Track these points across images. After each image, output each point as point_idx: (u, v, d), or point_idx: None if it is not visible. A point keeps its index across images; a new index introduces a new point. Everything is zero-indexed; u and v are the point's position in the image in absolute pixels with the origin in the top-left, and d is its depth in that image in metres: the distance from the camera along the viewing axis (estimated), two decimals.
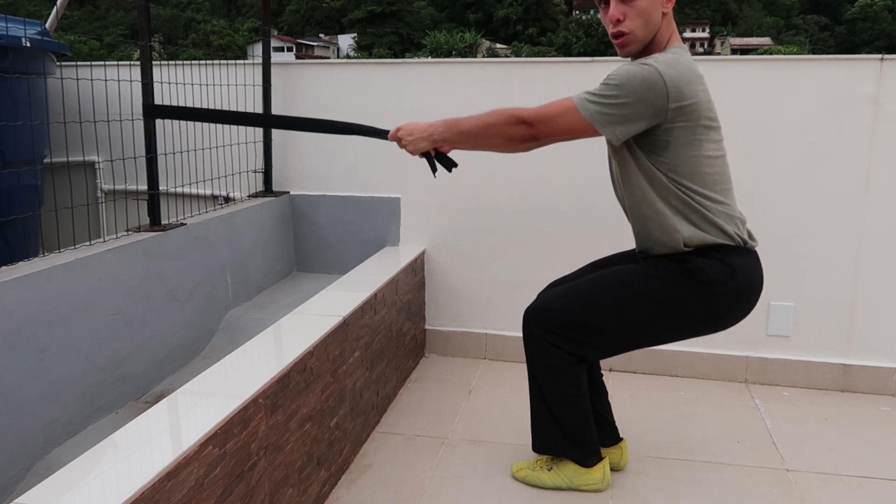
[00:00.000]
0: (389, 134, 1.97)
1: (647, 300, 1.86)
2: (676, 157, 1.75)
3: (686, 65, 1.72)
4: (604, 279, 1.96)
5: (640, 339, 1.96)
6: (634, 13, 1.74)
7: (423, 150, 1.94)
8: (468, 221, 3.05)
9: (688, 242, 1.79)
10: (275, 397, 1.69)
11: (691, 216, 1.79)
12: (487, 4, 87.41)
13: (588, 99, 1.72)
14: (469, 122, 1.86)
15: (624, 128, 1.72)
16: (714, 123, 1.77)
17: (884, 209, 2.70)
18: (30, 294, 1.97)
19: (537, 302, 2.03)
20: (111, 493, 1.18)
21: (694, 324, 1.90)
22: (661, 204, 1.80)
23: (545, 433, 2.08)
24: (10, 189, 3.03)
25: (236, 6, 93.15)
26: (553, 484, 2.09)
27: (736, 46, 72.87)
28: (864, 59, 2.65)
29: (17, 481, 1.94)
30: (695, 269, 1.80)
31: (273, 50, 3.31)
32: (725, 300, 1.84)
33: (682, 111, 1.70)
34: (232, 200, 3.25)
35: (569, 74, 2.86)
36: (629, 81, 1.67)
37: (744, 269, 1.82)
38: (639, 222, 1.89)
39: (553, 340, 1.95)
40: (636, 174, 1.82)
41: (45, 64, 3.19)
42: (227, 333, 2.78)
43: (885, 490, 2.14)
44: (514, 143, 1.82)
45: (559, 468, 2.09)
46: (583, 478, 2.07)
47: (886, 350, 2.79)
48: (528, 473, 2.13)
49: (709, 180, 1.78)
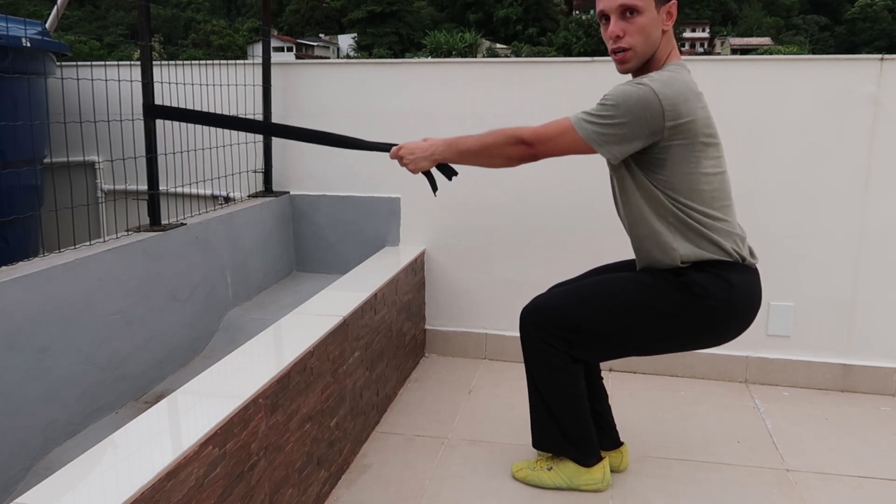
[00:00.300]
0: (391, 152, 2.01)
1: (643, 307, 1.87)
2: (674, 175, 1.76)
3: (683, 82, 1.74)
4: (603, 284, 1.97)
5: (633, 345, 1.97)
6: (634, 30, 1.76)
7: (424, 168, 1.98)
8: (468, 221, 3.05)
9: (684, 259, 1.81)
10: (275, 397, 1.69)
11: (688, 234, 1.80)
12: (487, 4, 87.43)
13: (585, 119, 1.75)
14: (469, 142, 1.91)
15: (621, 147, 1.74)
16: (712, 140, 1.78)
17: (884, 209, 2.70)
18: (30, 294, 1.97)
19: (534, 301, 2.04)
20: (111, 493, 1.18)
21: (688, 335, 1.91)
22: (657, 223, 1.82)
23: (544, 431, 2.08)
24: (10, 189, 3.03)
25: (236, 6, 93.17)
26: (553, 484, 2.09)
27: (736, 46, 72.88)
28: (864, 59, 2.65)
29: (17, 481, 1.94)
30: (691, 282, 1.81)
31: (273, 50, 3.31)
32: (721, 314, 1.84)
33: (678, 129, 1.71)
34: (232, 200, 3.25)
35: (569, 74, 2.86)
36: (625, 101, 1.69)
37: (742, 285, 1.83)
38: (637, 240, 1.92)
39: (548, 340, 1.95)
40: (634, 193, 1.84)
41: (46, 64, 3.19)
42: (227, 333, 2.78)
43: (885, 490, 2.14)
44: (512, 161, 1.88)
45: (559, 468, 2.09)
46: (583, 477, 2.07)
47: (886, 350, 2.79)
48: (528, 473, 2.13)
49: (706, 197, 1.79)
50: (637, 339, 1.92)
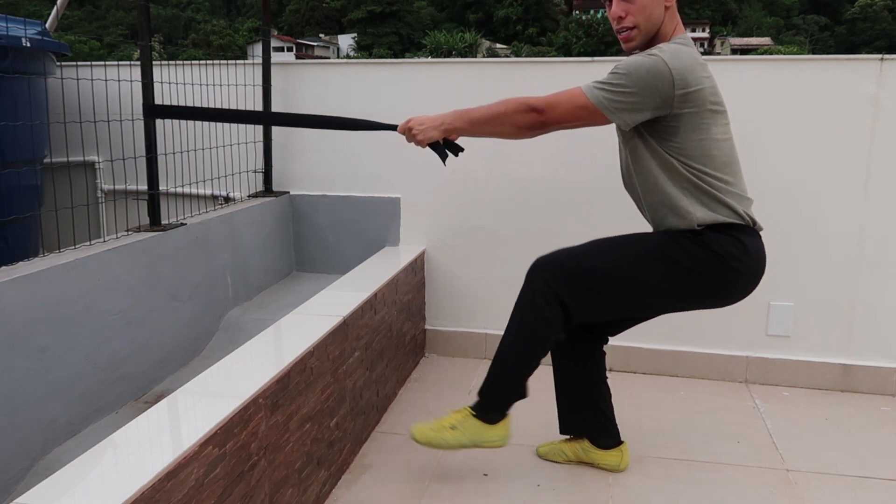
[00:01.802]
0: (399, 127, 2.01)
1: (659, 256, 1.88)
2: (686, 141, 1.80)
3: (690, 54, 1.80)
4: (619, 237, 2.00)
5: (639, 297, 1.95)
6: (636, 9, 1.83)
7: (434, 139, 1.98)
8: (468, 221, 3.05)
9: (700, 223, 1.84)
10: (275, 397, 1.69)
11: (703, 198, 1.83)
12: (487, 4, 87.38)
13: (597, 87, 1.80)
14: (479, 111, 1.92)
15: (632, 115, 1.79)
16: (720, 108, 1.84)
17: (884, 209, 2.70)
18: (30, 294, 1.97)
19: (548, 255, 2.02)
20: (111, 493, 1.18)
21: (697, 293, 1.92)
22: (672, 188, 1.84)
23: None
24: (10, 189, 3.03)
25: (236, 6, 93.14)
26: (457, 443, 2.06)
27: (736, 46, 72.86)
28: (864, 59, 2.65)
29: (17, 481, 1.94)
30: (710, 240, 1.84)
31: (273, 50, 3.31)
32: (734, 274, 1.87)
33: (687, 98, 1.76)
34: (232, 200, 3.25)
35: (569, 74, 2.86)
36: (636, 71, 1.75)
37: (754, 248, 1.88)
38: (652, 209, 1.93)
39: (558, 290, 1.93)
40: (648, 161, 1.87)
41: (45, 64, 3.19)
42: (227, 333, 2.78)
43: (885, 490, 2.14)
44: (523, 129, 1.89)
45: (462, 426, 2.07)
46: (486, 434, 2.07)
47: (886, 350, 2.79)
48: (431, 436, 2.07)
49: (718, 162, 1.83)
50: (648, 290, 1.91)
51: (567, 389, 2.21)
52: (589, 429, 2.22)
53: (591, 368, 2.17)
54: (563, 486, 2.14)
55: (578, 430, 2.24)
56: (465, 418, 2.08)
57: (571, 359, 2.17)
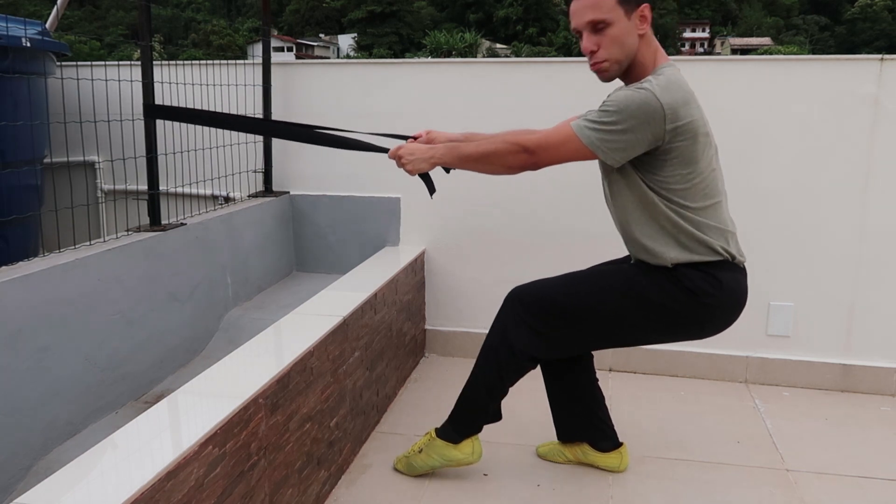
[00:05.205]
0: (390, 152, 2.00)
1: (633, 292, 1.88)
2: (672, 176, 1.77)
3: (680, 86, 1.75)
4: (595, 270, 2.03)
5: (611, 331, 1.96)
6: (607, 41, 1.78)
7: (423, 171, 1.97)
8: (468, 221, 3.05)
9: (674, 262, 1.83)
10: (275, 397, 1.69)
11: (679, 237, 1.82)
12: (487, 4, 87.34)
13: (587, 126, 1.75)
14: (470, 148, 1.89)
15: (624, 153, 1.75)
16: (708, 139, 1.80)
17: (884, 209, 2.70)
18: (30, 294, 1.97)
19: (524, 285, 2.05)
20: (111, 493, 1.18)
21: (671, 327, 1.92)
22: (649, 226, 1.84)
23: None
24: (10, 189, 3.03)
25: (236, 6, 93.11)
26: (428, 465, 2.13)
27: (736, 46, 72.86)
28: (864, 59, 2.65)
29: (17, 481, 1.94)
30: (682, 276, 1.83)
31: (273, 50, 3.31)
32: (709, 310, 1.86)
33: (678, 131, 1.72)
34: (232, 200, 3.25)
35: (569, 74, 2.86)
36: (627, 106, 1.69)
37: (730, 283, 1.85)
38: (626, 241, 1.95)
39: (531, 321, 1.96)
40: (627, 196, 1.85)
41: (46, 64, 3.19)
42: (227, 333, 2.78)
43: (885, 490, 2.14)
44: (514, 169, 1.86)
45: (427, 449, 2.13)
46: (452, 454, 2.11)
47: (886, 350, 2.79)
48: (405, 462, 2.18)
49: (699, 195, 1.80)
50: (619, 325, 1.93)
51: (559, 398, 2.22)
52: (586, 434, 2.22)
53: (579, 375, 2.17)
54: (563, 486, 2.14)
55: (576, 437, 2.24)
56: (431, 440, 2.14)
57: (558, 367, 2.17)
